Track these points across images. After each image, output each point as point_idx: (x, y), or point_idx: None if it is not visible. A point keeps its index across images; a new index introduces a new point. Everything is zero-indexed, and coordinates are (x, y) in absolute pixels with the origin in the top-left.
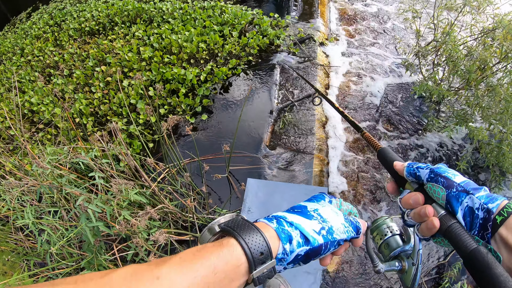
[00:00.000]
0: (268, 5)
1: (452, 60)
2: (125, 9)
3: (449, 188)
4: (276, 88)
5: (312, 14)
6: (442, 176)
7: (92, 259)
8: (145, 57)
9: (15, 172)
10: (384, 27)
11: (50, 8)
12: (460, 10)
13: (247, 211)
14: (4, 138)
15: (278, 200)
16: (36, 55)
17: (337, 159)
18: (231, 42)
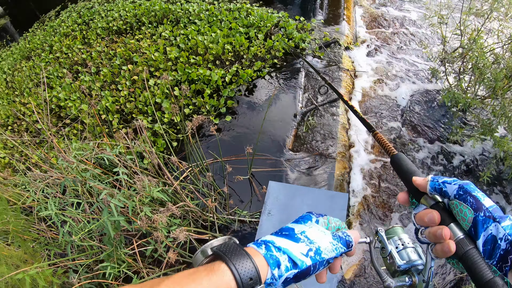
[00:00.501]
0: (294, 8)
1: (478, 68)
2: (152, 10)
3: (477, 211)
4: (300, 92)
5: (338, 18)
6: (472, 195)
7: (112, 252)
8: (171, 57)
9: (40, 165)
10: (410, 32)
11: (78, 7)
12: (487, 16)
13: (267, 213)
14: (31, 131)
15: (299, 203)
16: (64, 52)
17: (359, 165)
18: (257, 45)
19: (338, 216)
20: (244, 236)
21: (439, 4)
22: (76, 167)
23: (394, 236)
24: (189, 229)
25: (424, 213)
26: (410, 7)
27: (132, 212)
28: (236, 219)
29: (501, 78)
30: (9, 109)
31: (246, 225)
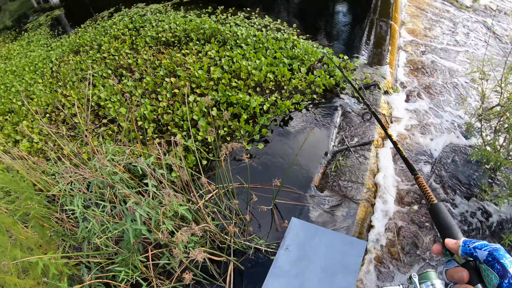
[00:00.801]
0: (339, 45)
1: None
2: (202, 27)
3: (502, 277)
4: (334, 131)
5: (381, 61)
6: (500, 262)
7: (127, 258)
8: (214, 77)
9: (71, 158)
10: (450, 84)
11: (131, 12)
12: None
13: (285, 248)
14: (67, 123)
15: (317, 244)
16: (111, 54)
17: (382, 212)
18: (298, 77)
19: (353, 262)
20: (257, 263)
21: (482, 60)
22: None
23: (427, 281)
24: (206, 250)
25: (454, 271)
26: (453, 59)
27: (154, 225)
28: (252, 246)
29: None
30: (50, 97)
31: (261, 253)
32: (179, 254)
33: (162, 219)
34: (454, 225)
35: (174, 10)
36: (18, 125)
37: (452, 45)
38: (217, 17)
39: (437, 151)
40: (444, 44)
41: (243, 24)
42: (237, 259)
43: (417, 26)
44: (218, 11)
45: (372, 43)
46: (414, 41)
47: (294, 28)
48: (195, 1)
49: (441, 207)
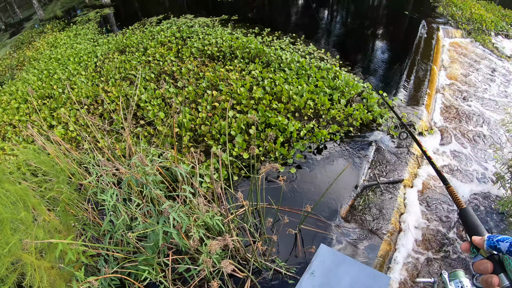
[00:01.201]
0: (378, 82)
1: None
2: (247, 46)
3: None
4: (367, 166)
5: (418, 102)
6: None
7: (151, 259)
8: (255, 96)
9: (104, 151)
10: (485, 132)
11: (179, 22)
12: None
13: (310, 273)
14: (105, 118)
15: (342, 273)
16: (156, 59)
17: (403, 251)
18: (337, 108)
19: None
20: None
21: None
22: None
23: (456, 279)
24: (234, 264)
25: (480, 263)
26: (490, 108)
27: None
28: (273, 268)
29: None
30: (91, 90)
31: (279, 275)
32: (208, 262)
33: (193, 226)
34: (480, 225)
35: (222, 26)
36: (56, 111)
37: (490, 93)
38: (263, 38)
39: (465, 197)
40: (482, 92)
41: (287, 48)
42: (255, 277)
43: (457, 71)
44: (264, 32)
45: (412, 84)
46: (453, 85)
47: (337, 59)
48: (242, 20)
49: (469, 211)
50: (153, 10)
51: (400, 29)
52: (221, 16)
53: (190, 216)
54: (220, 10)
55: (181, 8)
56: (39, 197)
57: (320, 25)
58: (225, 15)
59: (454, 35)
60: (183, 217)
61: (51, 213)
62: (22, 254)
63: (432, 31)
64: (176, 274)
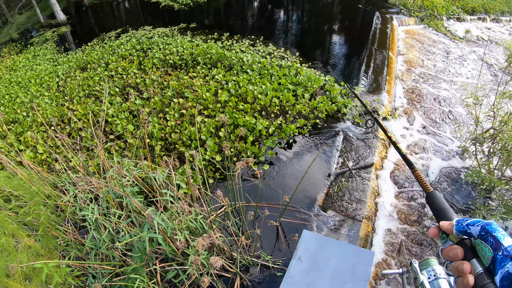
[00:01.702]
0: (339, 73)
1: (507, 150)
2: (209, 52)
3: (496, 250)
4: (337, 154)
5: (379, 89)
6: (492, 235)
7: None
8: (221, 100)
9: (78, 169)
10: (446, 110)
11: (138, 34)
12: None
13: (297, 259)
14: (73, 137)
15: (328, 255)
16: (119, 73)
17: (382, 230)
18: (302, 103)
19: (362, 271)
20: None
21: (476, 86)
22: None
23: (428, 267)
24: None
25: (449, 249)
26: (448, 87)
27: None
28: (259, 262)
29: None
30: (56, 111)
31: (267, 270)
32: (197, 261)
33: (178, 229)
34: (448, 209)
35: (181, 35)
36: (22, 135)
37: (446, 74)
38: (222, 43)
39: (434, 173)
40: (439, 73)
41: (248, 51)
42: (244, 274)
43: (413, 56)
44: (223, 37)
45: (371, 72)
46: (411, 70)
47: (297, 56)
48: (201, 27)
49: (436, 194)
50: (110, 24)
51: (356, 22)
52: (179, 25)
53: (173, 221)
54: (177, 19)
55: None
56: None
57: (277, 25)
58: (183, 24)
59: (408, 23)
60: (167, 221)
61: (31, 237)
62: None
63: (386, 21)
64: (165, 283)
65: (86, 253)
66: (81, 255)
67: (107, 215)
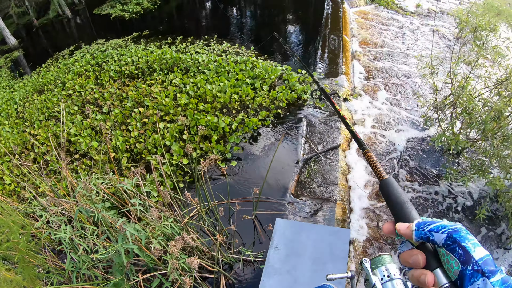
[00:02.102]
0: (296, 62)
1: (468, 112)
2: (164, 58)
3: (465, 264)
4: (302, 140)
5: (337, 72)
6: (461, 246)
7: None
8: (181, 103)
9: (48, 194)
10: (405, 83)
11: (92, 49)
12: (474, 64)
13: (274, 247)
14: (39, 162)
15: (304, 239)
16: (76, 90)
17: (358, 207)
18: (262, 95)
19: (341, 249)
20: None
21: (430, 56)
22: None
23: (381, 266)
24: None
25: (408, 254)
26: (404, 61)
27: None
28: (240, 258)
29: (490, 121)
30: (18, 138)
31: (249, 264)
32: (175, 264)
33: (152, 237)
34: (406, 202)
35: (135, 44)
36: None
37: (401, 48)
38: (177, 46)
39: (401, 145)
40: (395, 49)
41: (203, 51)
42: (227, 273)
43: (367, 36)
44: (177, 41)
45: (327, 57)
46: (366, 49)
47: (252, 50)
48: (154, 34)
49: (391, 183)
50: (63, 43)
51: (307, 10)
52: (132, 34)
53: (147, 229)
54: (130, 29)
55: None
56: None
57: (231, 22)
58: (136, 33)
59: (359, 4)
60: (140, 230)
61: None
62: None
63: (337, 5)
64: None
65: (68, 276)
66: (63, 280)
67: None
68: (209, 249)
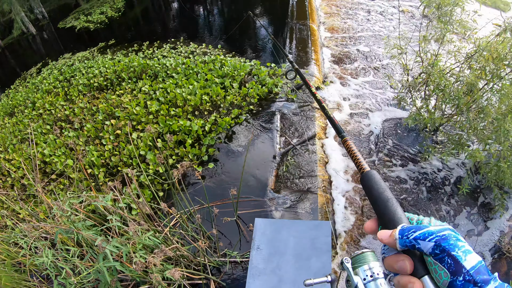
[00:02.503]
0: (265, 56)
1: (440, 89)
2: (131, 66)
3: (455, 274)
4: (277, 134)
5: (307, 61)
6: (451, 255)
7: None
8: (152, 110)
9: (28, 219)
10: (375, 66)
11: (59, 64)
12: (441, 41)
13: (256, 248)
14: (17, 187)
15: (285, 236)
16: (47, 109)
17: (340, 196)
18: (232, 93)
19: (323, 242)
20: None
21: (398, 37)
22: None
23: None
24: (183, 270)
25: (394, 259)
26: (371, 44)
27: (126, 258)
28: (227, 261)
29: (463, 95)
30: None
31: (238, 266)
32: (157, 278)
33: (133, 251)
34: (390, 199)
35: (101, 54)
36: None
37: (370, 31)
38: (144, 53)
39: (378, 127)
40: (363, 32)
41: (170, 55)
42: (216, 277)
43: (335, 22)
44: (144, 47)
45: (296, 46)
46: (335, 36)
47: (220, 48)
48: (120, 42)
49: (373, 177)
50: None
51: (273, 3)
52: (98, 45)
53: (128, 244)
54: (96, 40)
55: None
56: None
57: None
58: (102, 43)
59: None
60: (120, 247)
61: None
62: None
63: None
64: None
65: None
66: None
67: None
68: (195, 255)
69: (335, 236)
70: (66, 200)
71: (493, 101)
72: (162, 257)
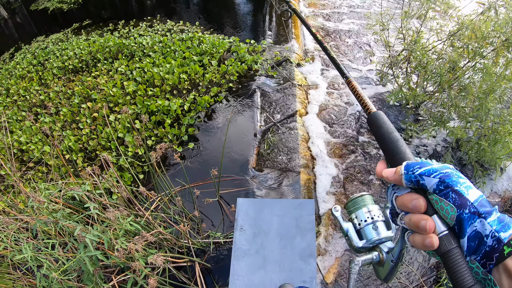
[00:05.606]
0: (244, 32)
1: (423, 66)
2: (107, 46)
3: (461, 208)
4: (258, 112)
5: (287, 37)
6: (454, 190)
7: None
8: (129, 91)
9: (8, 211)
10: (357, 42)
11: (32, 48)
12: (424, 17)
13: (239, 229)
14: None
15: (268, 215)
16: (21, 95)
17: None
18: (211, 71)
19: (307, 221)
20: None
21: (380, 13)
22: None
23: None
24: (166, 255)
25: (409, 198)
26: (353, 20)
27: (108, 246)
28: (211, 242)
29: (445, 72)
30: None
31: (222, 247)
32: (139, 266)
33: (114, 239)
34: (399, 140)
35: (76, 36)
36: None
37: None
38: (119, 32)
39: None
40: (344, 8)
41: (146, 33)
42: (200, 259)
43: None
44: (119, 26)
45: (275, 23)
46: (315, 11)
47: (198, 26)
48: (95, 22)
49: (381, 117)
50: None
51: None
52: (73, 26)
53: (108, 231)
54: (69, 21)
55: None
56: None
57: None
58: (76, 24)
59: None
60: (100, 235)
61: None
62: None
63: None
64: None
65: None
66: None
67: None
68: (178, 238)
69: (318, 214)
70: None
71: (475, 80)
72: (143, 243)
